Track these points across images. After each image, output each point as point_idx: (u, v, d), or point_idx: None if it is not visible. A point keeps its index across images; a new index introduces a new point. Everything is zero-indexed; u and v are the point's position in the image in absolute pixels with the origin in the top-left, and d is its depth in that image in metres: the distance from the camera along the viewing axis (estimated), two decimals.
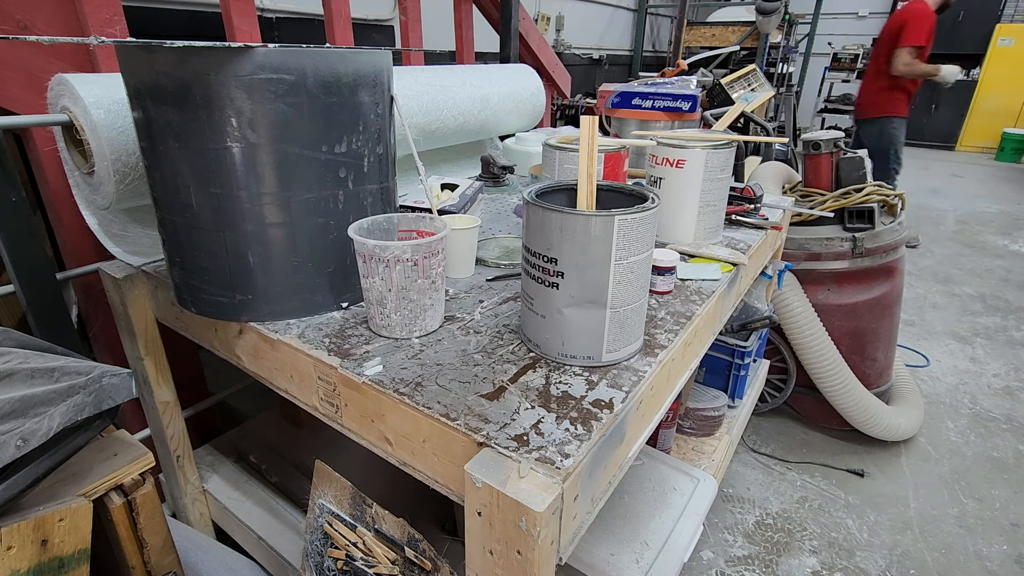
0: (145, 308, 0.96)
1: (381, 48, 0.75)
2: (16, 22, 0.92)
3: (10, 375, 0.61)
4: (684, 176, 0.98)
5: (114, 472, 0.66)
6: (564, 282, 0.62)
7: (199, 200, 0.69)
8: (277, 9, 2.56)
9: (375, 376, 0.63)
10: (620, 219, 0.58)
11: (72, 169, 0.92)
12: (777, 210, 1.29)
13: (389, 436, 0.63)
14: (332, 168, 0.72)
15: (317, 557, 0.85)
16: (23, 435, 0.56)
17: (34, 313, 0.93)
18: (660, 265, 0.83)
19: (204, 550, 0.98)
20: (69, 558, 0.60)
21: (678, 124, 1.42)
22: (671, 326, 0.76)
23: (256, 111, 0.65)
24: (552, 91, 2.23)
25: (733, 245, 1.05)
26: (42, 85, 0.88)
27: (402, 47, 1.67)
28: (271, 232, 0.71)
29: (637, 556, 1.04)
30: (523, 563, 0.50)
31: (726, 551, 1.50)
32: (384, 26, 3.13)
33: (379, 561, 0.78)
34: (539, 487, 0.49)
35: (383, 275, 0.67)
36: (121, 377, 0.66)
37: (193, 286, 0.76)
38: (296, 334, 0.72)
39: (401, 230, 0.76)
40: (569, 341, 0.65)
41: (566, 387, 0.62)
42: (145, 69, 0.65)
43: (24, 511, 0.58)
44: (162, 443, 1.08)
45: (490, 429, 0.55)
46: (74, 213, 0.96)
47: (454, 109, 1.33)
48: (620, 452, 0.63)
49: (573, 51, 5.30)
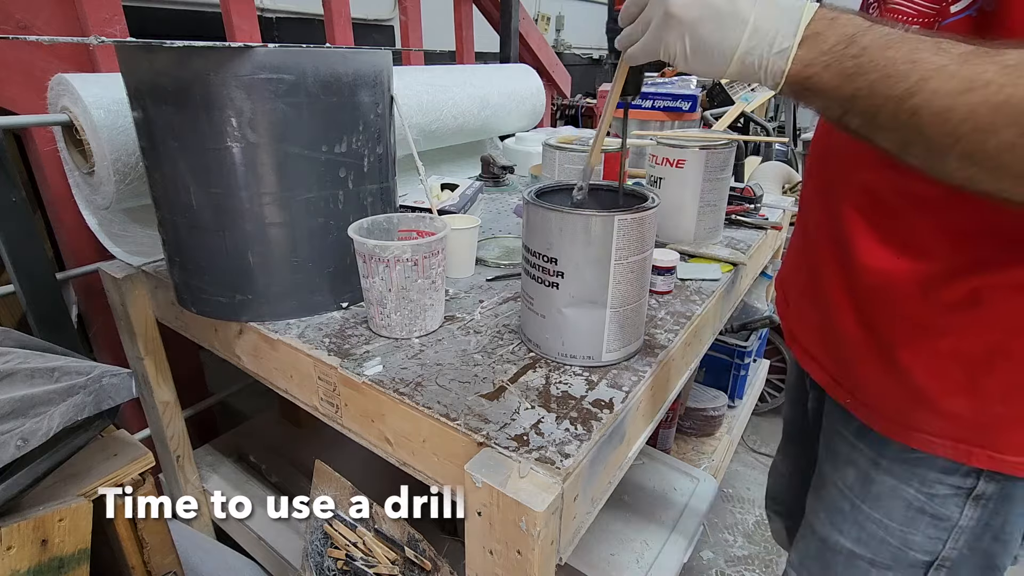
0: (145, 308, 0.96)
1: (381, 48, 0.75)
2: (16, 22, 0.92)
3: (10, 375, 0.61)
4: (684, 176, 0.98)
5: (114, 472, 0.66)
6: (564, 282, 0.62)
7: (199, 200, 0.69)
8: (277, 9, 2.56)
9: (375, 376, 0.63)
10: (620, 219, 0.58)
11: (72, 169, 0.92)
12: (777, 210, 1.29)
13: (389, 436, 0.63)
14: (332, 168, 0.72)
15: (317, 557, 0.85)
16: (23, 435, 0.56)
17: (34, 313, 0.93)
18: (660, 265, 0.83)
19: (204, 550, 0.98)
20: (69, 558, 0.60)
21: (678, 124, 1.42)
22: (671, 326, 0.76)
23: (256, 111, 0.65)
24: (552, 91, 2.23)
25: (733, 245, 1.05)
26: (42, 85, 0.87)
27: (402, 47, 1.67)
28: (271, 232, 0.71)
29: (637, 556, 1.04)
30: (523, 563, 0.50)
31: (726, 551, 1.50)
32: (384, 26, 3.13)
33: (379, 561, 0.78)
34: (539, 487, 0.49)
35: (383, 275, 0.67)
36: (121, 377, 0.66)
37: (193, 286, 0.76)
38: (296, 334, 0.72)
39: (401, 230, 0.76)
40: (569, 341, 0.65)
41: (566, 387, 0.62)
42: (145, 69, 0.65)
43: (24, 511, 0.58)
44: (162, 443, 1.08)
45: (490, 429, 0.55)
46: (74, 213, 0.96)
47: (454, 109, 1.33)
48: (620, 452, 0.63)
49: (573, 51, 5.30)
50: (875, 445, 0.59)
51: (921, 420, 0.54)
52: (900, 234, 0.52)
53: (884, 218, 0.53)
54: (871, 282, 0.55)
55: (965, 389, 0.51)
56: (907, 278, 0.52)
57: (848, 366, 0.61)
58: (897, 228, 0.52)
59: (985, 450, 0.52)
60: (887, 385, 0.56)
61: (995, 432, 0.51)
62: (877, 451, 0.59)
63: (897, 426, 0.56)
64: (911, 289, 0.52)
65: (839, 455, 0.64)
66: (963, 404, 0.51)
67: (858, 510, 0.62)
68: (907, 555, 0.59)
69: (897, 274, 0.52)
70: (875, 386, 0.58)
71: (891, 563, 0.61)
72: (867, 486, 0.61)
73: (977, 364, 0.50)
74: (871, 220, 0.54)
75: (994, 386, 0.50)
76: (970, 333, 0.49)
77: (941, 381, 0.52)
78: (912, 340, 0.53)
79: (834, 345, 0.62)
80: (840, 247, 0.57)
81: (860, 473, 0.61)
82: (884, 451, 0.59)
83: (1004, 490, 0.53)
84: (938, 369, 0.52)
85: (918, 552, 0.59)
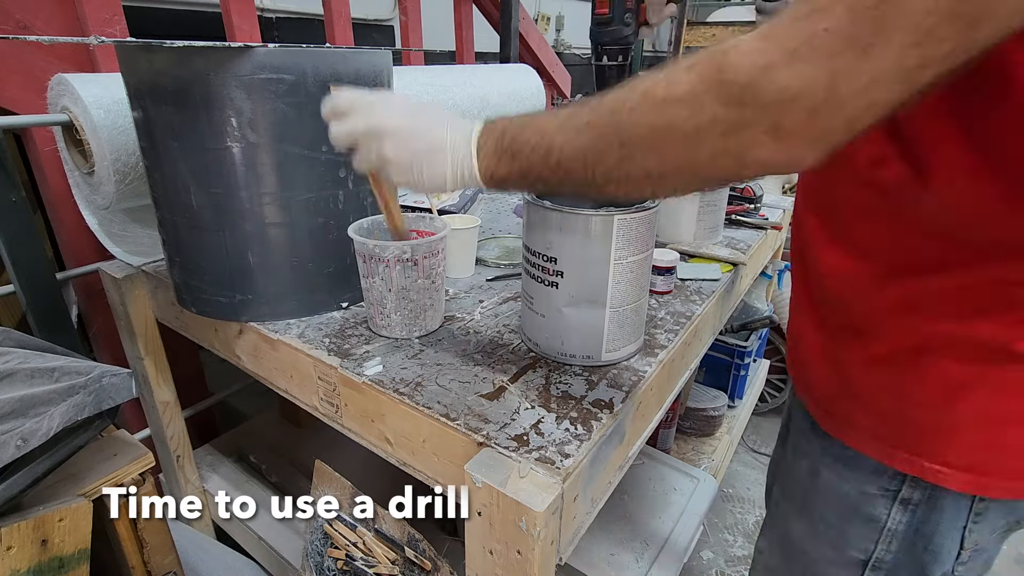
0: (145, 308, 0.96)
1: (381, 48, 0.75)
2: (16, 22, 0.92)
3: (10, 375, 0.61)
4: None
5: (114, 472, 0.66)
6: (563, 281, 0.62)
7: (199, 200, 0.69)
8: (277, 9, 2.56)
9: (375, 376, 0.63)
10: (619, 218, 0.58)
11: (72, 169, 0.92)
12: (777, 210, 1.29)
13: (389, 436, 0.63)
14: (332, 168, 0.72)
15: (317, 557, 0.85)
16: (23, 435, 0.56)
17: (34, 313, 0.93)
18: (660, 265, 0.83)
19: (204, 550, 0.98)
20: (69, 558, 0.60)
21: None
22: (671, 326, 0.76)
23: (256, 111, 0.65)
24: (552, 91, 2.23)
25: (733, 245, 1.05)
26: (42, 85, 0.87)
27: (402, 47, 1.67)
28: (271, 232, 0.71)
29: (637, 556, 1.04)
30: (523, 563, 0.50)
31: (726, 551, 1.50)
32: (384, 26, 3.12)
33: (379, 561, 0.78)
34: (539, 487, 0.49)
35: (383, 275, 0.67)
36: (121, 377, 0.66)
37: (193, 286, 0.76)
38: (296, 334, 0.72)
39: None
40: (568, 340, 0.65)
41: (566, 387, 0.62)
42: (145, 69, 0.65)
43: (24, 511, 0.58)
44: (162, 443, 1.08)
45: (490, 429, 0.55)
46: (74, 213, 0.96)
47: (454, 109, 1.33)
48: (620, 452, 0.63)
49: (573, 51, 5.30)
50: (823, 441, 0.61)
51: (856, 418, 0.56)
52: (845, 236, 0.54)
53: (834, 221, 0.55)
54: (823, 282, 0.57)
55: (893, 392, 0.52)
56: (852, 278, 0.53)
57: (805, 363, 0.63)
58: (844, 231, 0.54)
59: (906, 454, 0.52)
60: (832, 382, 0.58)
61: (917, 437, 0.52)
62: (824, 447, 0.61)
63: (837, 423, 0.58)
64: (854, 289, 0.53)
65: (798, 448, 0.66)
66: (890, 406, 0.53)
67: (808, 502, 0.64)
68: (845, 552, 0.60)
69: (843, 274, 0.54)
70: (822, 383, 0.60)
71: (834, 557, 0.62)
72: (814, 480, 0.62)
73: (906, 368, 0.51)
74: (824, 221, 0.56)
75: (920, 392, 0.51)
76: (902, 337, 0.51)
77: (873, 381, 0.53)
78: (853, 339, 0.55)
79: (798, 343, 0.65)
80: (803, 248, 0.60)
81: (811, 466, 0.63)
82: (829, 448, 0.60)
83: (932, 499, 0.54)
84: (871, 369, 0.53)
85: (854, 550, 0.60)
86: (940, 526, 0.54)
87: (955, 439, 0.50)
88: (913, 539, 0.56)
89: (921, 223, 0.47)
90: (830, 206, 0.55)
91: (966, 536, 0.54)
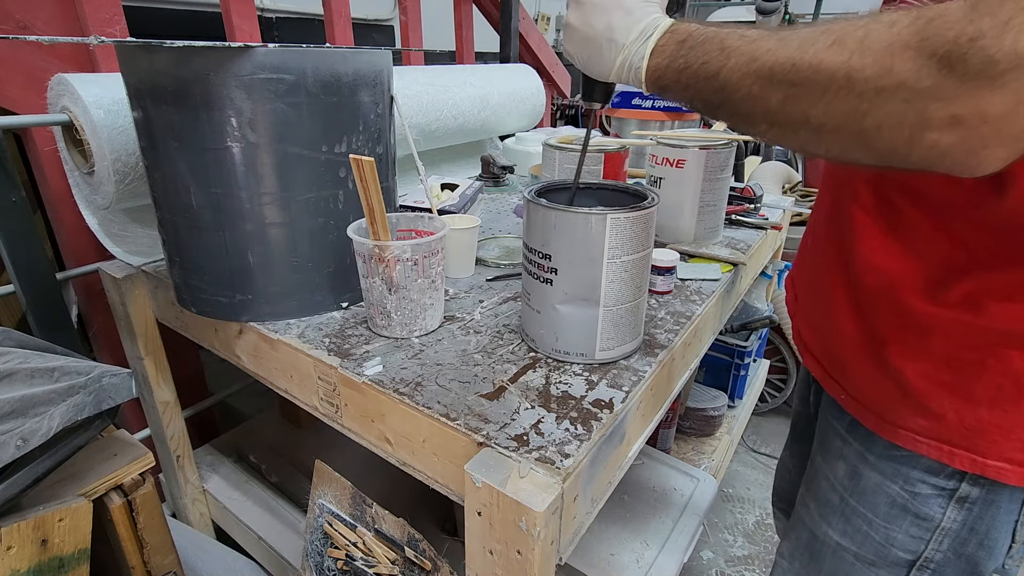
0: (145, 308, 0.96)
1: (381, 48, 0.75)
2: (16, 22, 0.92)
3: (10, 375, 0.61)
4: (684, 176, 0.98)
5: (114, 472, 0.66)
6: (557, 279, 0.62)
7: (199, 200, 0.69)
8: (277, 9, 2.56)
9: (375, 376, 0.63)
10: (612, 218, 0.58)
11: (72, 169, 0.92)
12: (777, 210, 1.29)
13: (389, 436, 0.63)
14: (332, 168, 0.72)
15: (317, 557, 0.85)
16: (23, 435, 0.56)
17: (34, 313, 0.93)
18: (660, 265, 0.83)
19: (204, 550, 0.98)
20: (69, 558, 0.60)
21: (678, 124, 1.42)
22: (671, 326, 0.76)
23: (256, 111, 0.65)
24: (552, 91, 2.23)
25: (733, 245, 1.05)
26: (42, 85, 0.87)
27: (402, 47, 1.67)
28: (271, 232, 0.71)
29: (637, 556, 1.04)
30: (523, 563, 0.50)
31: (726, 551, 1.50)
32: (384, 26, 3.13)
33: (379, 561, 0.78)
34: (539, 487, 0.49)
35: (383, 275, 0.67)
36: (121, 377, 0.66)
37: (193, 286, 0.76)
38: (296, 334, 0.72)
39: (400, 230, 0.76)
40: (563, 337, 0.65)
41: (566, 387, 0.62)
42: (145, 69, 0.65)
43: (24, 511, 0.58)
44: (162, 443, 1.08)
45: (490, 429, 0.55)
46: (74, 213, 0.96)
47: (454, 109, 1.33)
48: (620, 452, 0.63)
49: None
50: (864, 441, 0.60)
51: (907, 419, 0.54)
52: (902, 233, 0.52)
53: (887, 217, 0.53)
54: (870, 280, 0.55)
55: (953, 391, 0.51)
56: (906, 277, 0.52)
57: (842, 362, 0.61)
58: (899, 227, 0.52)
59: (969, 453, 0.52)
60: (878, 382, 0.56)
61: (979, 436, 0.51)
62: (866, 447, 0.60)
63: (885, 423, 0.56)
64: (909, 288, 0.52)
65: (831, 449, 0.65)
66: (949, 406, 0.51)
67: (846, 504, 0.63)
68: (890, 552, 0.59)
69: (896, 273, 0.52)
70: (866, 383, 0.58)
71: (875, 559, 0.61)
72: (855, 481, 0.61)
73: (967, 367, 0.50)
74: (875, 218, 0.54)
75: (982, 391, 0.50)
76: (964, 336, 0.49)
77: (930, 382, 0.52)
78: (906, 339, 0.53)
79: (830, 341, 0.63)
80: (844, 244, 0.58)
81: (849, 467, 0.62)
82: (872, 447, 0.59)
83: (989, 495, 0.53)
84: (928, 370, 0.52)
85: (900, 550, 0.59)
86: (996, 521, 0.54)
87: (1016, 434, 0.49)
88: (967, 536, 0.55)
89: (992, 221, 0.45)
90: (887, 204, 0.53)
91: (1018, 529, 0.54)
